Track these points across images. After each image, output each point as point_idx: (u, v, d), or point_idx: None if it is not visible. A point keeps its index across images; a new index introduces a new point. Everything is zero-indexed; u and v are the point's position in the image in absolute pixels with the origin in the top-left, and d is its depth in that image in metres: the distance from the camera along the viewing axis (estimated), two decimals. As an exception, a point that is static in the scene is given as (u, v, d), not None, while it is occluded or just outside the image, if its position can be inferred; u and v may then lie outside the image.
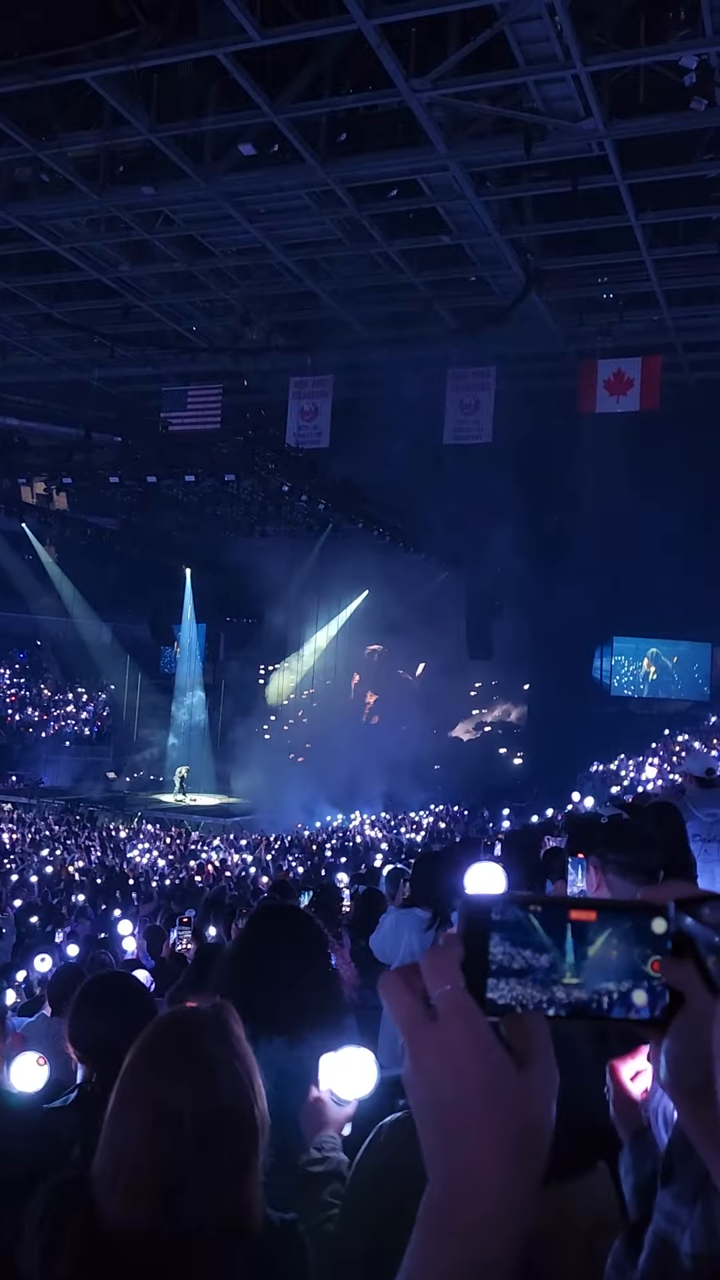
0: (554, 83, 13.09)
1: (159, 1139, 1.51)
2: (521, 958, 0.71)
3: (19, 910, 14.56)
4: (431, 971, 0.72)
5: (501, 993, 0.71)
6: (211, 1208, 1.51)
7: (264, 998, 2.56)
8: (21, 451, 25.80)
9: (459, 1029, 0.70)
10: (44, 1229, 1.61)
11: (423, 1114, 0.72)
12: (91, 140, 15.39)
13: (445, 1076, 0.70)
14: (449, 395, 19.80)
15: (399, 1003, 0.73)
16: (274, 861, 19.78)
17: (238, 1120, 1.55)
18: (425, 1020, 0.72)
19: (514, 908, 0.72)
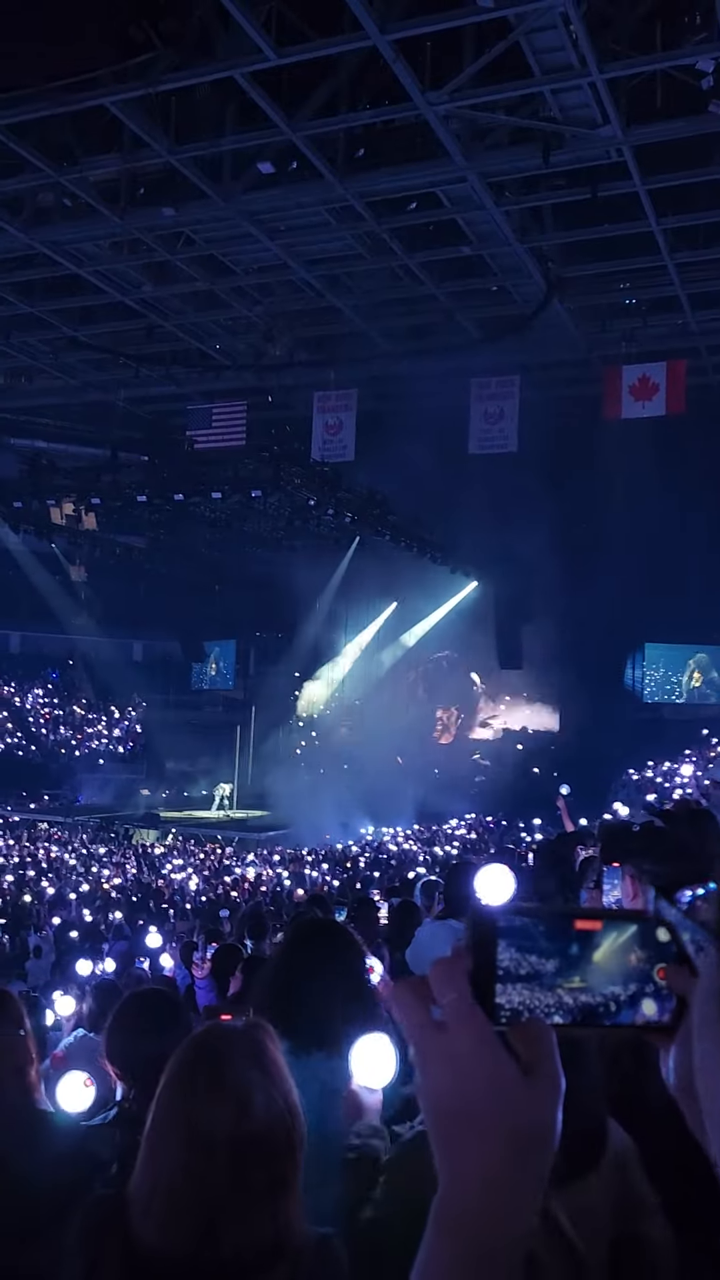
0: (570, 91, 13.10)
1: (194, 1165, 1.50)
2: (528, 963, 0.73)
3: (57, 928, 14.66)
4: (439, 981, 0.74)
5: (509, 998, 0.73)
6: (249, 1233, 1.50)
7: (304, 1012, 2.57)
8: (50, 473, 26.05)
9: (465, 1037, 0.72)
10: (83, 1251, 1.61)
11: (432, 1120, 0.74)
12: (112, 164, 15.56)
13: (451, 1084, 0.72)
14: (473, 405, 19.80)
15: (409, 1013, 0.75)
16: (309, 876, 19.77)
17: (273, 1144, 1.54)
18: (433, 1029, 0.73)
19: (520, 916, 0.74)
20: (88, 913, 16.16)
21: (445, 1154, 0.73)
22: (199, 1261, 1.48)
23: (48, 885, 19.43)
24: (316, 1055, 2.60)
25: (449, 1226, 0.72)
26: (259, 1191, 1.52)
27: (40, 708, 40.95)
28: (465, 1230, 0.71)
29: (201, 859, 24.48)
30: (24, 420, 29.71)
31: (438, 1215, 0.73)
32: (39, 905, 16.97)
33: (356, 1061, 2.06)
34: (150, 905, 16.81)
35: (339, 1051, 2.66)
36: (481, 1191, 0.71)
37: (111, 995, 4.89)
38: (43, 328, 22.78)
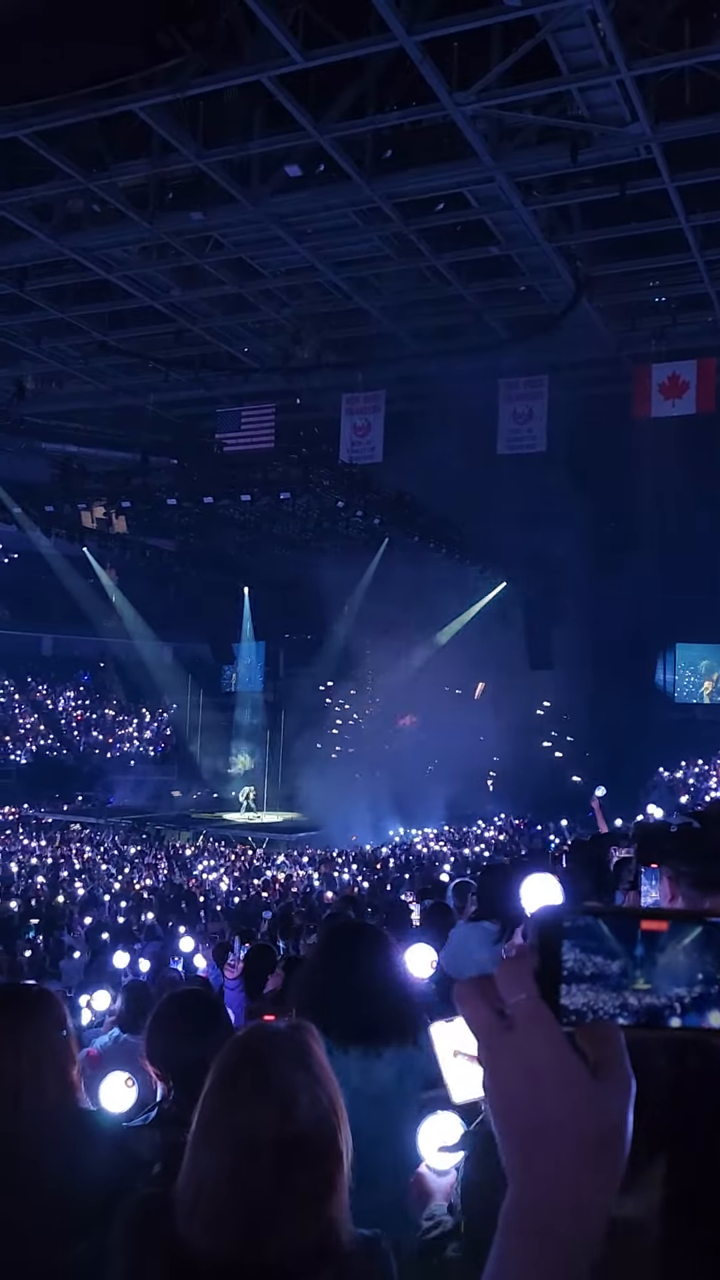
0: (599, 89, 13.03)
1: (239, 1166, 1.51)
2: (593, 964, 0.73)
3: (90, 929, 14.76)
4: (506, 981, 0.74)
5: (574, 999, 0.73)
6: (294, 1235, 1.50)
7: (340, 1013, 2.58)
8: (81, 477, 26.26)
9: (534, 1037, 0.72)
10: (128, 1250, 1.62)
11: (501, 1120, 0.74)
12: (141, 169, 15.65)
13: (522, 1084, 0.72)
14: (502, 405, 19.74)
15: (475, 1012, 0.75)
16: (338, 877, 19.79)
17: (319, 1147, 1.53)
18: (501, 1029, 0.73)
19: (585, 916, 0.74)
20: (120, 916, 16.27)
21: (515, 1155, 0.73)
22: (244, 1263, 1.48)
23: (80, 886, 19.56)
24: (353, 1054, 2.62)
25: (522, 1228, 0.72)
26: (304, 1193, 1.52)
27: (72, 710, 41.25)
28: (540, 1233, 0.71)
29: (232, 860, 24.56)
30: (55, 425, 29.92)
31: (510, 1217, 0.73)
32: (71, 906, 17.09)
33: (424, 1142, 2.05)
34: (182, 906, 16.88)
35: (377, 1053, 2.67)
36: (555, 1193, 0.71)
37: (142, 996, 4.92)
38: (73, 333, 22.95)
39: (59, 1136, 2.05)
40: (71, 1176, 2.02)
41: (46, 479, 27.65)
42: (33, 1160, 2.01)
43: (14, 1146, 2.01)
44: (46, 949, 13.17)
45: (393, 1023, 2.76)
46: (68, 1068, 2.13)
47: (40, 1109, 2.05)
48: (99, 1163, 2.08)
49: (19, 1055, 2.06)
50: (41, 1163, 2.01)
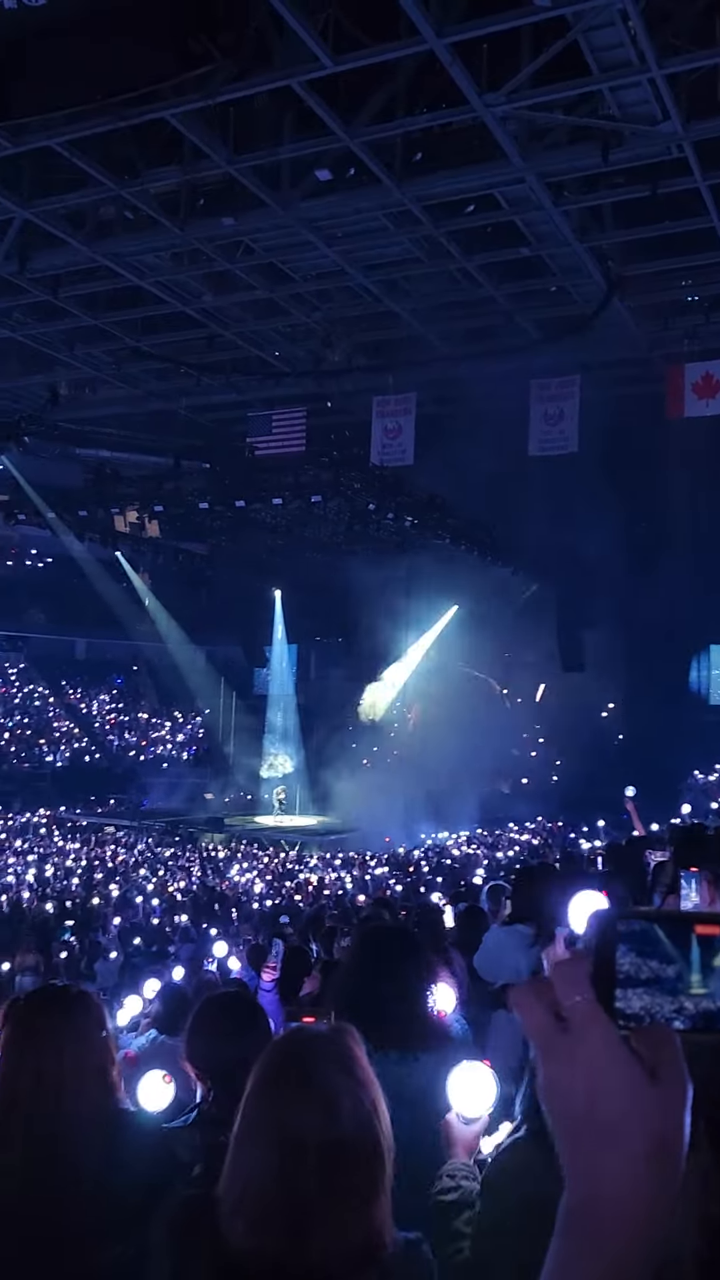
0: (630, 88, 12.96)
1: (283, 1167, 1.51)
2: (649, 968, 0.73)
3: (124, 931, 14.85)
4: (562, 983, 0.74)
5: (630, 1003, 0.73)
6: (337, 1236, 1.50)
7: (375, 1017, 2.58)
8: (114, 482, 26.44)
9: (591, 1040, 0.72)
10: (172, 1250, 1.63)
11: (558, 1123, 0.74)
12: (172, 176, 15.75)
13: (579, 1086, 0.72)
14: (533, 406, 19.68)
15: (531, 1015, 0.75)
16: (369, 879, 19.78)
17: (362, 1149, 1.54)
18: (558, 1032, 0.74)
19: (640, 920, 0.74)
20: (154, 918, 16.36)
21: (573, 1157, 0.73)
22: (288, 1264, 1.49)
23: (115, 888, 19.68)
24: (391, 1056, 2.62)
25: (580, 1231, 0.72)
26: (348, 1195, 1.52)
27: (105, 713, 41.53)
28: (598, 1235, 0.71)
29: (265, 863, 24.62)
30: (88, 430, 30.15)
31: (569, 1222, 0.73)
32: (106, 908, 17.21)
33: (454, 1089, 2.03)
34: (215, 909, 16.95)
35: (413, 1057, 2.67)
36: (613, 1195, 0.71)
37: (179, 999, 4.95)
38: (106, 339, 23.13)
39: (99, 1136, 2.06)
40: (111, 1177, 2.04)
41: (80, 484, 27.87)
42: (73, 1160, 2.02)
43: (54, 1146, 2.02)
44: (82, 950, 13.27)
45: (428, 1027, 2.76)
46: (108, 1068, 2.15)
47: (81, 1109, 2.06)
48: (139, 1163, 2.09)
49: (60, 1055, 2.08)
50: (81, 1163, 2.03)
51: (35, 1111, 2.04)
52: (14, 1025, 2.16)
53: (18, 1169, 2.01)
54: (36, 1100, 2.04)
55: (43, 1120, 2.03)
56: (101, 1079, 2.13)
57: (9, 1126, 2.04)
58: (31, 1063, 2.07)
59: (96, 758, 38.82)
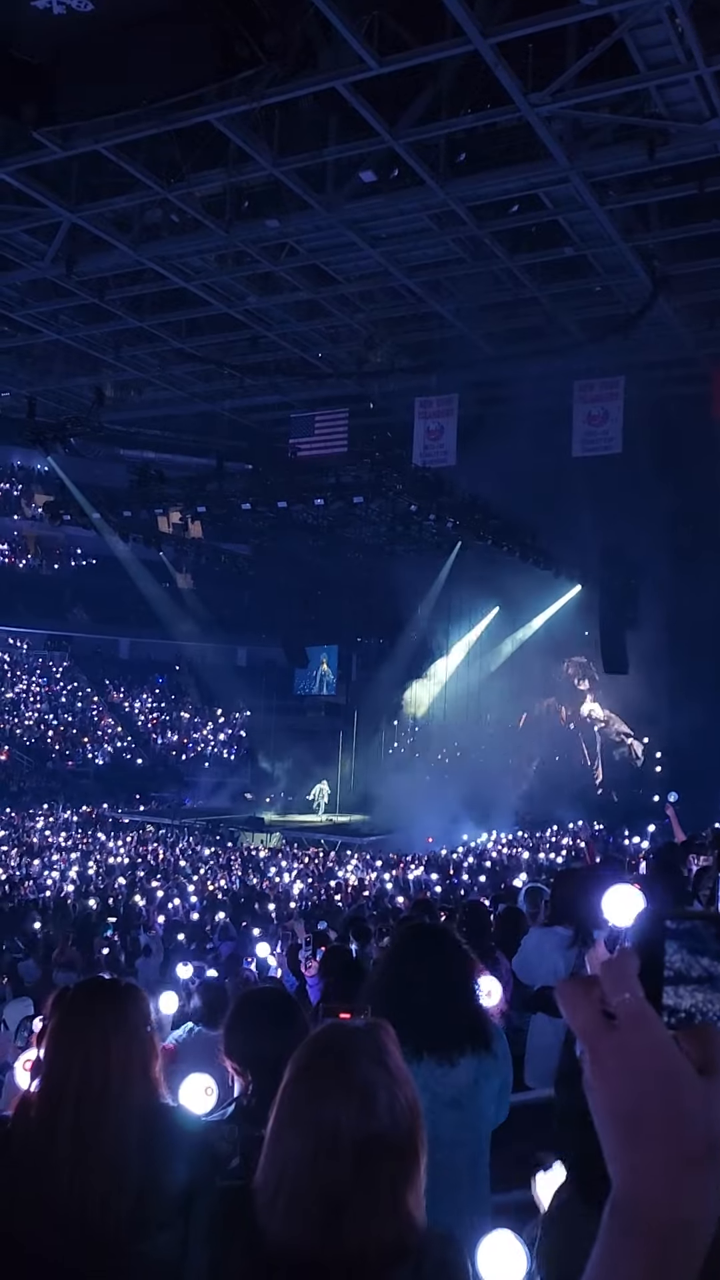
0: (676, 86, 12.87)
1: (319, 1160, 1.52)
2: (700, 966, 0.72)
3: (165, 928, 14.96)
4: (609, 980, 0.74)
5: (681, 1001, 0.72)
6: (373, 1229, 1.51)
7: (414, 1018, 2.57)
8: (158, 483, 26.62)
9: (639, 1036, 0.72)
10: (211, 1242, 1.65)
11: (604, 1120, 0.73)
12: (217, 179, 15.86)
13: (627, 1083, 0.71)
14: (576, 407, 19.57)
15: (577, 1011, 0.75)
16: (410, 880, 19.76)
17: (398, 1143, 1.54)
18: (605, 1028, 0.73)
19: (690, 920, 0.73)
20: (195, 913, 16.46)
21: (620, 1155, 0.72)
22: (323, 1256, 1.50)
23: (157, 886, 19.82)
24: (427, 1061, 2.61)
25: (626, 1228, 0.71)
26: (383, 1188, 1.53)
27: (148, 712, 41.85)
28: (645, 1233, 0.70)
29: (305, 863, 24.68)
30: (133, 431, 30.48)
31: (614, 1221, 0.72)
32: (149, 906, 17.33)
33: (483, 1262, 1.99)
34: (255, 907, 17.02)
35: (452, 1062, 2.66)
36: (660, 1193, 0.70)
37: (219, 994, 4.98)
38: (151, 341, 23.34)
39: (142, 1129, 2.08)
40: (152, 1169, 2.06)
41: (125, 485, 28.11)
42: (117, 1152, 2.04)
43: (99, 1138, 2.04)
44: (124, 947, 13.37)
45: (467, 1029, 2.75)
46: (151, 1062, 2.17)
47: (125, 1102, 2.08)
48: (179, 1156, 2.11)
49: (107, 1047, 2.10)
50: (125, 1155, 2.05)
51: (81, 1103, 2.05)
52: (62, 1016, 2.18)
53: (64, 1160, 2.03)
54: (82, 1092, 2.06)
55: (88, 1112, 2.05)
56: (145, 1072, 2.14)
57: (55, 1118, 2.06)
58: (79, 1054, 2.09)
59: (139, 756, 39.14)
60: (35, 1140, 2.07)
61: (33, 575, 41.51)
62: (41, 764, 36.46)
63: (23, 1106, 2.16)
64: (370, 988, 2.91)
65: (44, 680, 40.86)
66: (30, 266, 19.11)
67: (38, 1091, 2.13)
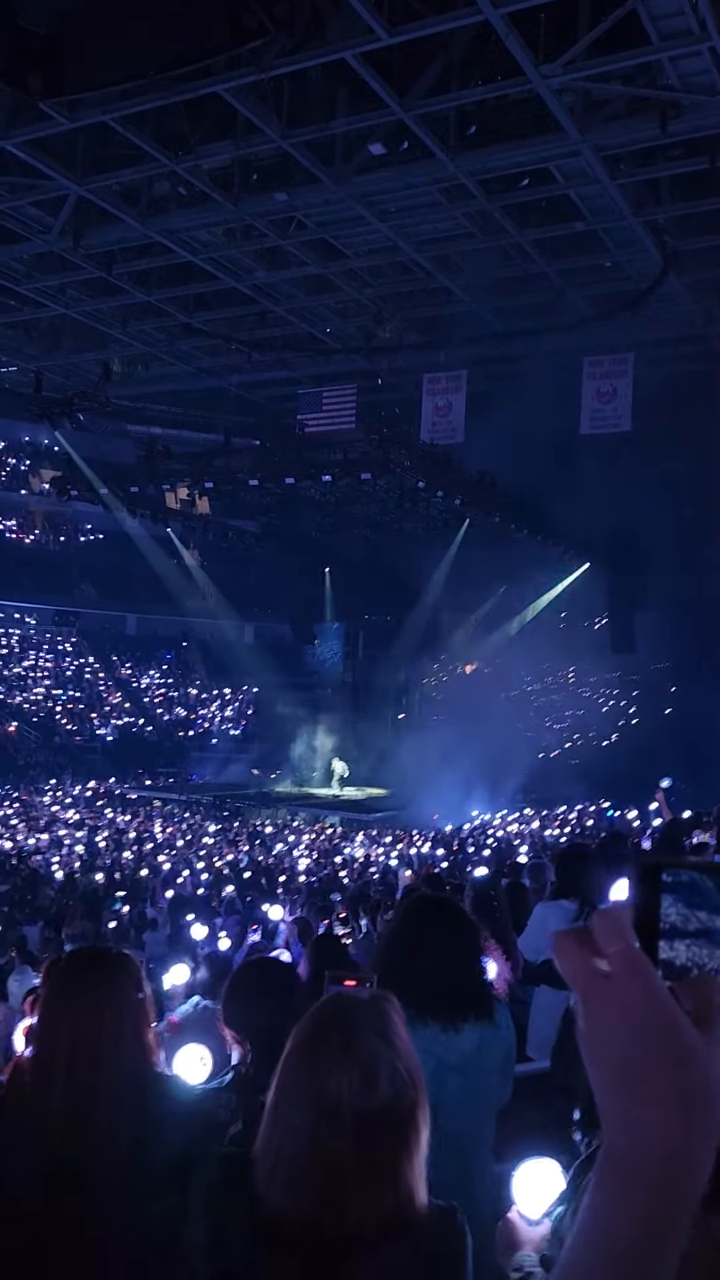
0: (690, 58, 12.70)
1: (319, 1131, 1.53)
2: (697, 919, 0.72)
3: (171, 902, 15.05)
4: (604, 931, 0.74)
5: (677, 954, 0.72)
6: (372, 1201, 1.52)
7: (419, 986, 2.60)
8: (166, 459, 26.59)
9: (635, 986, 0.71)
10: (210, 1209, 1.66)
11: (598, 1069, 0.73)
12: (225, 151, 15.74)
13: (621, 1032, 0.71)
14: (585, 384, 19.45)
15: (571, 961, 0.74)
16: (413, 855, 19.83)
17: (399, 1116, 1.55)
18: (599, 978, 0.73)
19: (687, 871, 0.73)
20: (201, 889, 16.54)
21: (612, 1105, 0.72)
22: (321, 1226, 1.51)
23: (164, 860, 19.93)
24: (433, 1027, 2.64)
25: (616, 1178, 0.71)
26: (384, 1161, 1.53)
27: (156, 688, 41.96)
28: (635, 1183, 0.70)
29: (312, 839, 24.78)
30: (141, 407, 30.39)
31: (605, 1172, 0.71)
32: (155, 880, 17.43)
33: (518, 1187, 1.97)
34: (262, 882, 17.10)
35: (456, 1028, 2.69)
36: (652, 1143, 0.69)
37: (226, 965, 5.02)
38: (158, 315, 23.23)
39: (136, 1097, 2.11)
40: (148, 1136, 2.08)
41: (132, 460, 28.09)
42: (110, 1119, 2.07)
43: (92, 1105, 2.07)
44: (131, 921, 13.46)
45: (470, 997, 2.78)
46: (144, 1029, 2.19)
47: (118, 1069, 2.10)
48: (175, 1123, 2.13)
49: (99, 1016, 2.12)
50: (119, 1122, 2.07)
51: (73, 1071, 2.08)
52: (54, 985, 2.21)
53: (57, 1127, 2.06)
54: (74, 1060, 2.08)
55: (81, 1079, 2.08)
56: (138, 1041, 2.17)
57: (49, 1085, 2.09)
58: (70, 1023, 2.12)
59: (147, 732, 39.27)
60: (28, 1103, 2.10)
61: (40, 551, 41.56)
62: (49, 739, 36.60)
63: (16, 1071, 2.19)
64: (376, 955, 2.93)
65: (51, 656, 40.97)
66: (37, 239, 19.01)
67: (31, 1056, 2.16)
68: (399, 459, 23.37)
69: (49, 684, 39.39)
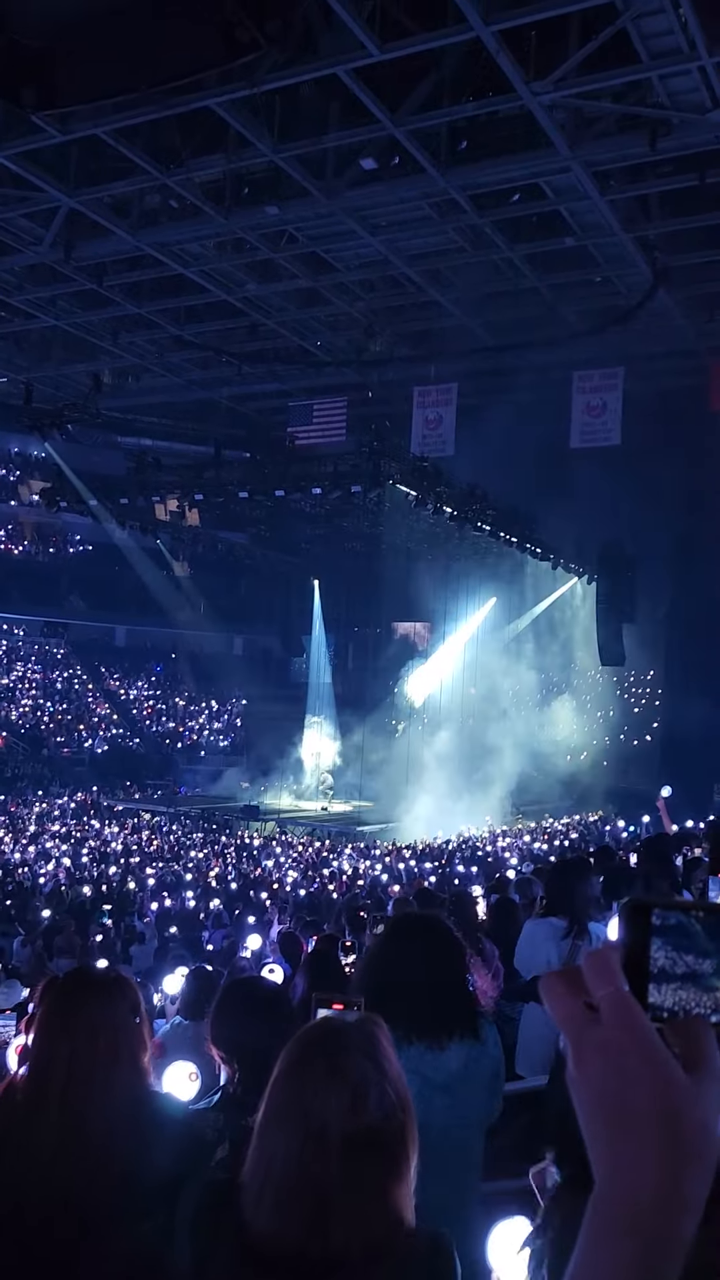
0: (679, 76, 12.80)
1: (307, 1154, 1.51)
2: (684, 963, 0.71)
3: (159, 915, 14.99)
4: (593, 973, 0.73)
5: (665, 997, 0.71)
6: (359, 1225, 1.50)
7: (405, 1004, 2.58)
8: (156, 470, 26.57)
9: (623, 1030, 0.70)
10: (196, 1234, 1.64)
11: (588, 1114, 0.72)
12: (217, 164, 15.77)
13: (610, 1076, 0.70)
14: (575, 398, 19.52)
15: (560, 1004, 0.74)
16: (401, 869, 19.79)
17: (387, 1140, 1.53)
18: (589, 1021, 0.72)
19: (676, 913, 0.72)
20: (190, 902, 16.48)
21: (602, 1150, 0.71)
22: (309, 1251, 1.49)
23: (151, 873, 19.85)
24: (417, 1046, 2.62)
25: (607, 1226, 0.70)
26: (371, 1185, 1.51)
27: (144, 700, 41.86)
28: (627, 1231, 0.69)
29: (300, 852, 24.71)
30: (131, 418, 30.41)
31: (594, 1216, 0.71)
32: (142, 893, 17.36)
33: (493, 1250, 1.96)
34: (250, 895, 17.05)
35: (441, 1046, 2.67)
36: (643, 1188, 0.69)
37: (206, 984, 4.98)
38: (149, 327, 23.25)
39: (130, 1119, 2.09)
40: (140, 1157, 2.06)
41: (122, 472, 28.06)
42: (104, 1141, 2.05)
43: (86, 1127, 2.05)
44: (118, 934, 13.40)
45: (456, 1016, 2.76)
46: (139, 1052, 2.17)
47: (113, 1092, 2.09)
48: (166, 1144, 2.11)
49: (95, 1038, 2.10)
50: (112, 1144, 2.06)
51: (68, 1093, 2.06)
52: (50, 1006, 2.18)
53: (49, 1149, 2.04)
54: (70, 1082, 2.07)
55: (75, 1102, 2.06)
56: (134, 1062, 2.15)
57: (43, 1106, 2.07)
58: (65, 1045, 2.10)
59: (135, 744, 39.16)
60: (20, 1125, 2.08)
61: (29, 562, 41.47)
62: (37, 751, 36.46)
63: (9, 1090, 2.16)
64: (361, 973, 2.91)
65: (40, 667, 40.84)
66: (28, 251, 19.01)
67: (25, 1077, 2.13)
68: (389, 471, 23.39)
69: (37, 695, 39.26)
